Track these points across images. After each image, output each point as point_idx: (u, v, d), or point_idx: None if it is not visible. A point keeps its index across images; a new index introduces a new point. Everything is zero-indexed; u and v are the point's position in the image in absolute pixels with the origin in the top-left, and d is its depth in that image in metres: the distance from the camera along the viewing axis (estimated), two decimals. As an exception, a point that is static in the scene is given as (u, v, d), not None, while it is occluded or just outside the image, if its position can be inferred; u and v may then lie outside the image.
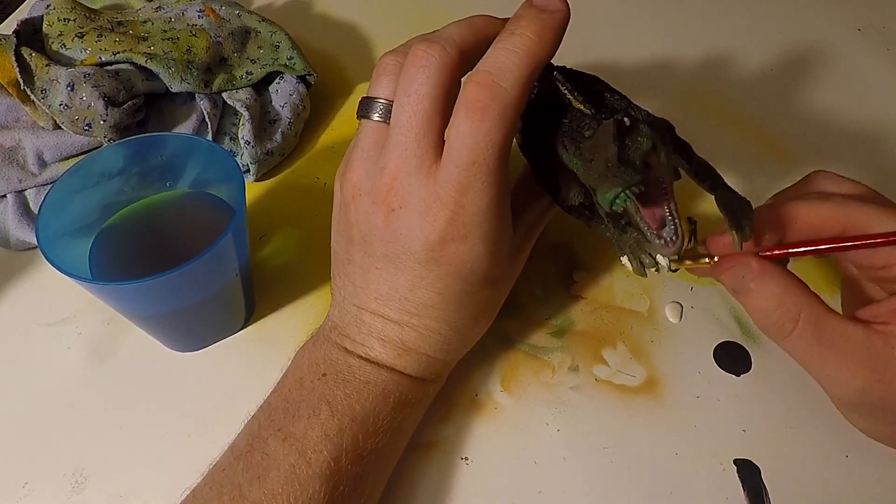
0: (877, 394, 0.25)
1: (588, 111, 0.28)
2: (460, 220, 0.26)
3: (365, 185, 0.28)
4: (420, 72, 0.26)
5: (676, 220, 0.25)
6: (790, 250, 0.27)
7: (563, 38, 0.27)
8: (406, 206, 0.27)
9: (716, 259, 0.28)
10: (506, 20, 0.28)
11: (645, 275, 0.29)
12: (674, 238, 0.25)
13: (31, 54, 0.39)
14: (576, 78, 0.30)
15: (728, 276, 0.27)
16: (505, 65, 0.25)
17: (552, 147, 0.29)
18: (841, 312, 0.26)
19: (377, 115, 0.28)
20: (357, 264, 0.29)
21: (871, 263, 0.27)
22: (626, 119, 0.25)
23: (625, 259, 0.30)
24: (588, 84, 0.30)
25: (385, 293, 0.29)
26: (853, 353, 0.25)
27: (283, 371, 0.30)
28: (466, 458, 0.32)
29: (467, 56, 0.27)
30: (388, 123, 0.28)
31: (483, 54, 0.26)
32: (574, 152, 0.27)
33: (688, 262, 0.29)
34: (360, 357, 0.29)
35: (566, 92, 0.29)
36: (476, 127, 0.25)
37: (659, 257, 0.28)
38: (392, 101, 0.28)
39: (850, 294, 0.31)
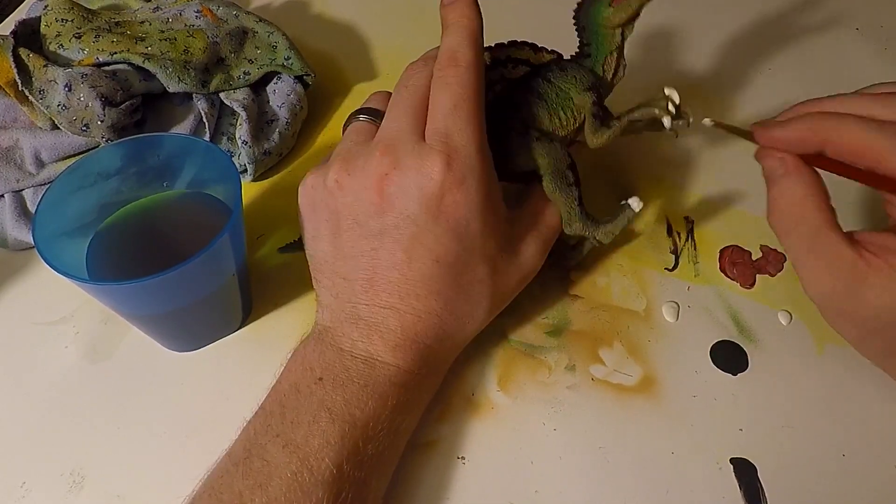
0: (837, 304, 0.28)
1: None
2: (455, 165, 0.28)
3: (355, 167, 0.29)
4: (417, 74, 0.31)
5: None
6: (825, 168, 0.29)
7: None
8: (400, 166, 0.28)
9: (751, 131, 0.30)
10: None
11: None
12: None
13: (28, 55, 0.39)
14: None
15: (767, 161, 0.29)
16: (455, 39, 0.30)
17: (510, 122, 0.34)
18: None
19: (363, 115, 0.33)
20: (348, 256, 0.29)
21: None
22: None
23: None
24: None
25: (382, 275, 0.29)
26: (835, 267, 0.27)
27: (276, 376, 0.30)
28: (463, 458, 0.32)
29: None
30: (374, 123, 0.32)
31: None
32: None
33: (728, 128, 0.31)
34: (357, 356, 0.29)
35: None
36: (452, 73, 0.29)
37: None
38: (377, 109, 0.33)
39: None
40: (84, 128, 0.38)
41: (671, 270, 0.38)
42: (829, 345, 0.35)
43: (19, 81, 0.38)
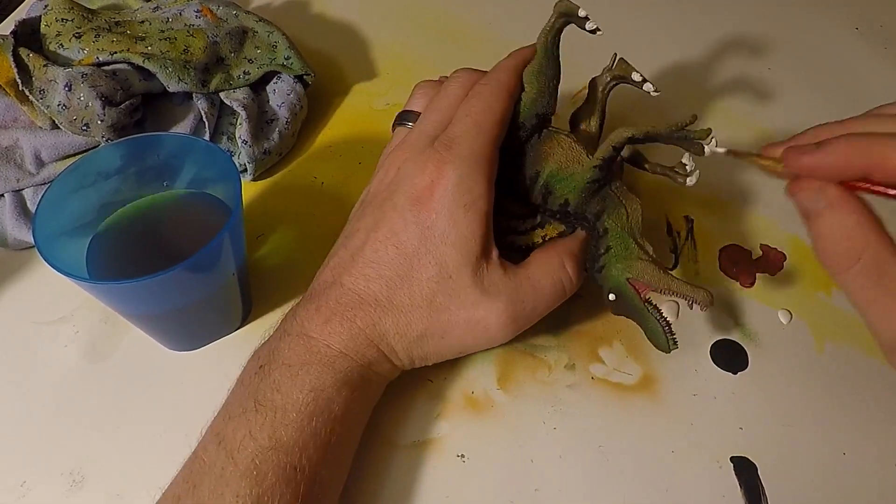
0: None
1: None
2: (446, 167, 0.29)
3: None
4: (456, 81, 0.33)
5: None
6: (873, 188, 0.26)
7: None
8: (407, 160, 0.31)
9: (769, 156, 0.29)
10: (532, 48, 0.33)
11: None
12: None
13: (28, 55, 0.39)
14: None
15: (803, 195, 0.27)
16: (507, 65, 0.33)
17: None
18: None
19: (410, 123, 0.34)
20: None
21: None
22: None
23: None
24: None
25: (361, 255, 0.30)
26: None
27: None
28: (463, 456, 0.32)
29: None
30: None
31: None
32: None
33: (755, 159, 0.30)
34: (295, 335, 0.29)
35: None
36: (486, 90, 0.31)
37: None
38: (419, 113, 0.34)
39: None
40: (84, 127, 0.38)
41: (671, 269, 0.38)
42: (830, 343, 0.35)
43: (19, 81, 0.38)
